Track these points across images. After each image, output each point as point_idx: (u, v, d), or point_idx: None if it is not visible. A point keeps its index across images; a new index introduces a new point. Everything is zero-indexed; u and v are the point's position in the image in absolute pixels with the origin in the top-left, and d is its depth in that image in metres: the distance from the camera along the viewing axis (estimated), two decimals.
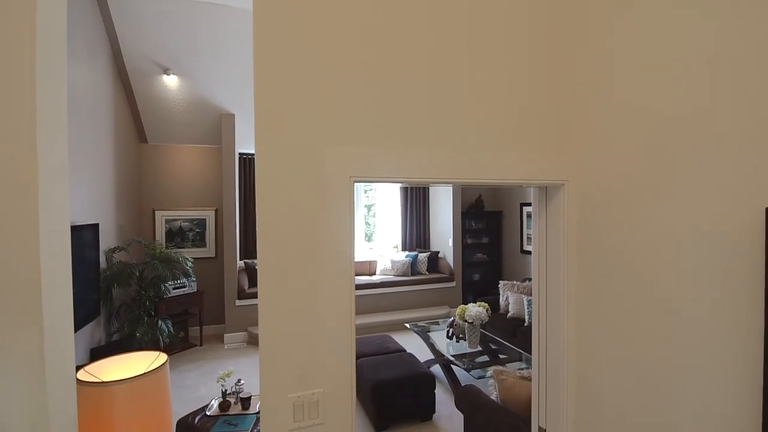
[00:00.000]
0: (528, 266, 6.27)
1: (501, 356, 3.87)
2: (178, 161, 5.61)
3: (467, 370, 3.45)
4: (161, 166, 5.54)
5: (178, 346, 5.01)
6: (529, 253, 6.22)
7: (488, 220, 6.94)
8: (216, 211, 5.62)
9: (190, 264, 4.87)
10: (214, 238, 5.71)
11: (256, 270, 5.63)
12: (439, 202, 6.84)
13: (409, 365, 3.47)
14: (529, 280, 5.45)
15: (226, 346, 5.21)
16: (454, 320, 4.08)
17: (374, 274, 6.55)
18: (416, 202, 7.06)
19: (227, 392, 2.91)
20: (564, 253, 1.40)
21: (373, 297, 5.97)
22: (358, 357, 3.72)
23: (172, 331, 4.47)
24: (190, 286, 5.11)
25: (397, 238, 7.05)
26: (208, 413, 2.75)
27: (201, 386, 4.09)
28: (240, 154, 5.91)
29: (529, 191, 6.19)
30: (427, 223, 7.15)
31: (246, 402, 2.84)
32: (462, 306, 3.88)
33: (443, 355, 3.85)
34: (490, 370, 2.86)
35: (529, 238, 6.25)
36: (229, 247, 5.29)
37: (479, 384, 3.25)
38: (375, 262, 6.59)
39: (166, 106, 5.08)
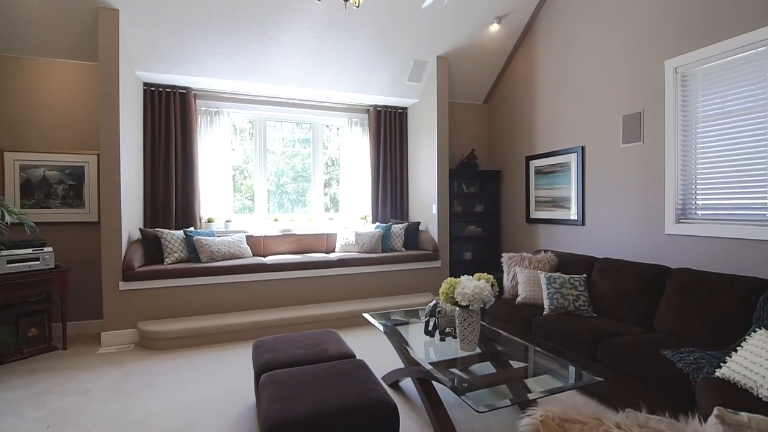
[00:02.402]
0: (538, 238, 4.71)
1: (513, 363, 2.30)
2: (38, 82, 3.89)
3: (458, 391, 1.85)
4: (11, 88, 3.81)
5: (22, 350, 3.31)
6: (540, 221, 4.67)
7: (483, 182, 5.37)
8: (99, 156, 3.92)
9: (30, 225, 3.17)
10: (97, 195, 4.00)
11: (159, 241, 3.87)
12: (420, 158, 5.24)
13: (352, 383, 1.86)
14: (545, 251, 3.88)
15: (100, 350, 3.52)
16: (437, 304, 2.48)
17: (333, 251, 4.91)
18: (391, 159, 5.44)
19: None
20: None
21: (328, 280, 4.34)
22: (264, 367, 2.08)
23: None
24: (44, 260, 3.40)
25: (367, 206, 5.43)
26: None
27: (7, 417, 2.41)
28: (148, 85, 4.22)
29: (537, 141, 4.63)
30: (405, 187, 5.54)
31: None
32: (450, 280, 2.29)
33: (418, 363, 2.25)
34: (531, 411, 1.29)
35: (538, 202, 4.70)
36: (112, 207, 3.60)
37: (485, 421, 1.68)
38: (334, 235, 4.96)
39: None
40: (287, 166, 5.36)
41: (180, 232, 4.12)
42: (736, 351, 1.90)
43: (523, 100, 4.93)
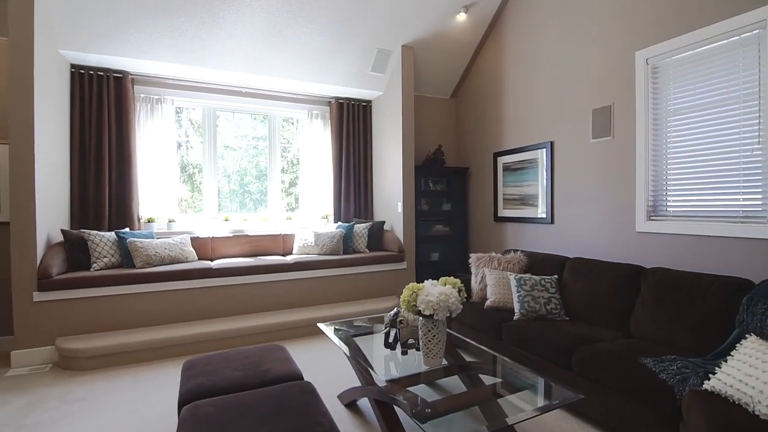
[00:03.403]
0: (507, 238, 4.53)
1: (484, 377, 2.04)
2: None
3: (419, 418, 1.56)
4: None
5: None
6: (508, 220, 4.49)
7: (450, 179, 5.14)
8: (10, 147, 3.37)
9: None
10: (8, 191, 3.44)
11: (86, 244, 3.11)
12: (385, 154, 4.95)
13: (293, 416, 1.53)
14: (514, 251, 3.68)
15: (10, 372, 3.00)
16: (398, 313, 2.18)
17: (290, 253, 4.54)
18: (355, 155, 5.12)
19: None
20: None
21: (283, 286, 3.96)
22: (188, 395, 1.72)
23: None
24: None
25: (329, 205, 5.08)
26: None
27: None
28: (76, 67, 3.69)
29: (505, 137, 4.45)
30: (369, 184, 5.24)
31: None
32: (412, 286, 2.00)
33: (373, 383, 1.95)
34: None
35: (506, 200, 4.52)
36: (23, 205, 3.08)
37: None
38: (292, 236, 4.58)
39: None
40: (250, 164, 4.95)
41: (111, 234, 3.63)
42: (725, 360, 1.72)
43: (491, 94, 4.74)
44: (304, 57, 4.29)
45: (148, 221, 4.19)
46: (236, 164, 4.88)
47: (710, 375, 1.72)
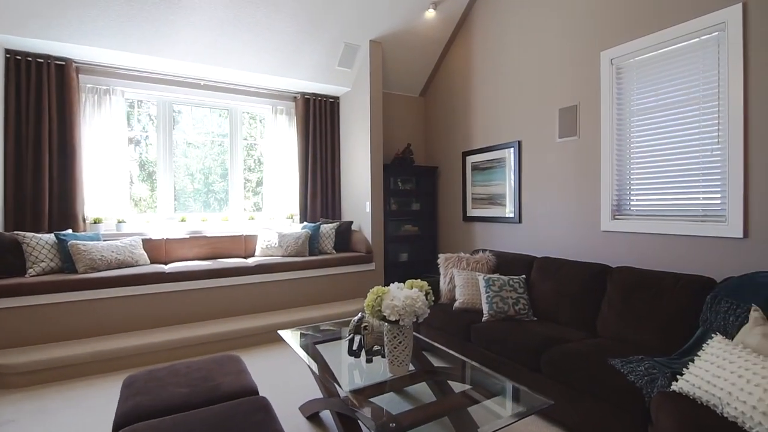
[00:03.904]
0: (475, 237, 4.50)
1: (453, 384, 1.95)
2: None
3: None
4: None
5: None
6: (477, 219, 4.45)
7: (419, 178, 5.07)
8: None
9: None
10: None
11: (20, 247, 2.42)
12: (353, 152, 4.81)
13: None
14: (483, 250, 3.63)
15: None
16: (362, 319, 2.05)
17: (253, 255, 4.31)
18: (322, 153, 4.95)
19: None
20: None
21: (244, 290, 3.75)
22: (125, 418, 1.52)
23: None
24: None
25: (295, 205, 4.89)
26: None
27: None
28: (11, 52, 3.35)
29: (474, 136, 4.42)
30: (337, 183, 5.08)
31: None
32: (377, 289, 1.88)
33: (335, 394, 1.81)
34: None
35: (475, 200, 4.48)
36: None
37: None
38: (254, 237, 4.36)
39: None
40: (215, 162, 4.69)
41: (50, 236, 3.30)
42: (692, 360, 1.70)
43: (459, 92, 4.70)
44: (267, 49, 4.09)
45: (95, 222, 3.86)
46: (200, 162, 4.63)
47: (678, 376, 1.69)
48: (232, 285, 3.67)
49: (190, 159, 4.57)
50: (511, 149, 4.00)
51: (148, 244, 3.84)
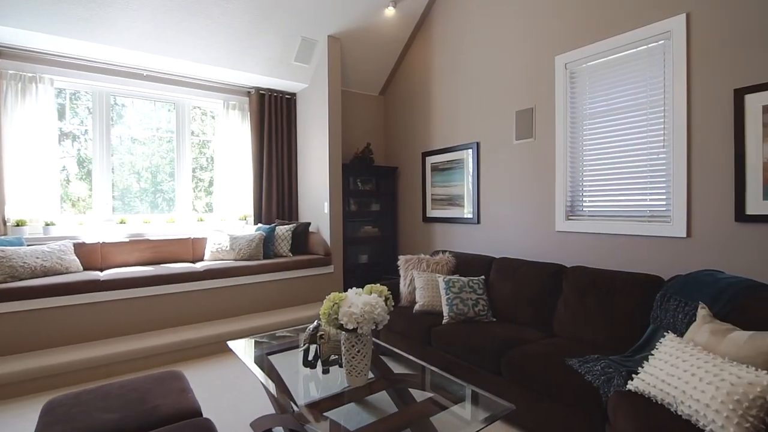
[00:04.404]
0: (435, 239, 4.48)
1: (414, 392, 1.88)
2: None
3: None
4: None
5: None
6: (436, 220, 4.44)
7: (379, 179, 4.99)
8: None
9: None
10: None
11: None
12: (311, 151, 4.65)
13: None
14: (443, 252, 3.61)
15: None
16: (318, 327, 1.93)
17: (201, 259, 4.04)
18: (278, 151, 4.75)
19: None
20: None
21: (191, 297, 3.49)
22: None
23: None
24: None
25: (249, 205, 4.65)
26: None
27: None
28: None
29: (433, 136, 4.40)
30: (294, 182, 4.89)
31: None
32: (333, 296, 1.76)
33: (288, 409, 1.68)
34: None
35: (435, 200, 4.47)
36: None
37: None
38: (204, 240, 4.09)
39: None
40: (164, 160, 4.36)
41: None
42: (646, 359, 1.73)
43: (419, 93, 4.67)
44: (218, 39, 3.85)
45: (18, 225, 3.45)
46: (147, 160, 4.29)
47: (633, 375, 1.72)
48: (177, 292, 3.40)
49: (136, 156, 4.23)
50: (470, 150, 4.01)
51: (81, 248, 3.48)
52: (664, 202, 2.66)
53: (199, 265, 3.67)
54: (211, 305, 3.58)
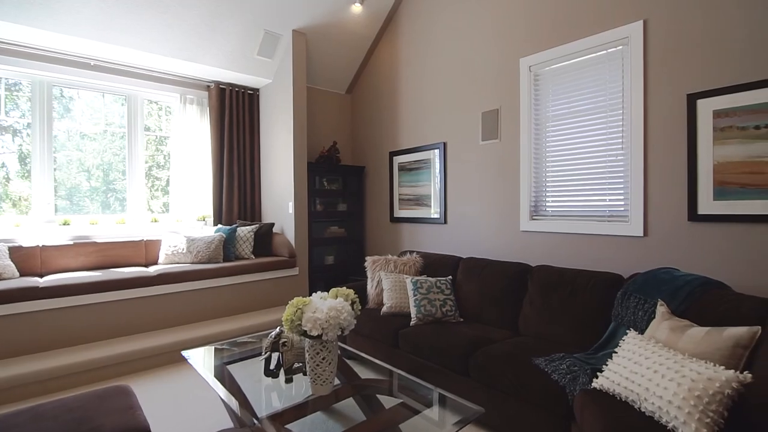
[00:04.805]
0: (403, 239, 4.45)
1: (382, 398, 1.82)
2: None
3: None
4: None
5: None
6: (404, 220, 4.41)
7: (346, 178, 4.90)
8: None
9: None
10: None
11: None
12: (275, 149, 4.49)
13: None
14: (410, 252, 3.57)
15: None
16: (280, 334, 1.82)
17: (155, 262, 3.80)
18: (240, 149, 4.55)
19: None
20: None
21: (144, 304, 3.26)
22: None
23: None
24: None
25: (208, 205, 4.43)
26: None
27: None
28: None
29: (401, 136, 4.37)
30: (257, 182, 4.71)
31: None
32: (297, 300, 1.67)
33: (247, 423, 1.57)
34: None
35: (402, 200, 4.44)
36: None
37: None
38: (158, 242, 3.85)
39: None
40: (117, 158, 4.05)
41: None
42: (610, 357, 1.75)
43: (387, 91, 4.63)
44: (175, 29, 3.62)
45: None
46: (98, 157, 3.98)
47: (598, 373, 1.74)
48: (128, 299, 3.16)
49: (85, 153, 3.91)
50: (437, 150, 4.01)
51: (18, 252, 3.17)
52: (622, 203, 2.75)
53: (152, 269, 3.44)
54: (166, 312, 3.36)
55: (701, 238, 2.36)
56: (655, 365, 1.48)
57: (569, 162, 3.02)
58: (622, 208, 2.74)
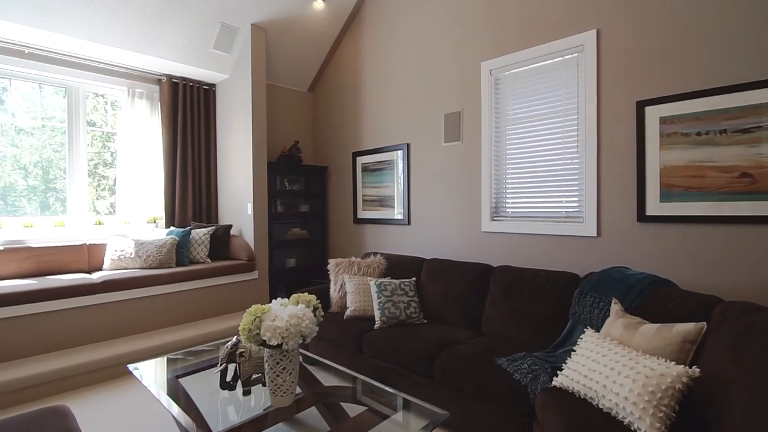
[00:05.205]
0: (367, 240, 4.40)
1: (346, 406, 1.77)
2: None
3: None
4: None
5: None
6: (368, 221, 4.36)
7: (308, 179, 4.79)
8: None
9: None
10: None
11: None
12: (232, 147, 4.30)
13: None
14: (374, 254, 3.54)
15: None
16: (237, 344, 1.72)
17: (99, 268, 3.53)
18: (195, 147, 4.32)
19: None
20: None
21: (86, 313, 3.00)
22: None
23: None
24: None
25: (160, 207, 4.17)
26: None
27: None
28: None
29: (364, 136, 4.33)
30: (213, 182, 4.50)
31: None
32: (255, 308, 1.58)
33: None
34: None
35: (366, 201, 4.39)
36: None
37: None
38: (103, 246, 3.57)
39: None
40: (58, 155, 3.71)
41: None
42: (569, 355, 1.79)
43: (349, 91, 4.56)
44: (122, 17, 3.38)
45: None
46: (36, 153, 3.63)
47: (558, 371, 1.77)
48: (67, 308, 2.90)
49: (21, 149, 3.56)
50: (400, 151, 4.00)
51: None
52: (576, 204, 2.85)
53: (96, 276, 3.18)
54: (112, 322, 3.12)
55: (650, 238, 2.49)
56: (612, 363, 1.52)
57: (528, 164, 3.10)
58: (577, 210, 2.85)
